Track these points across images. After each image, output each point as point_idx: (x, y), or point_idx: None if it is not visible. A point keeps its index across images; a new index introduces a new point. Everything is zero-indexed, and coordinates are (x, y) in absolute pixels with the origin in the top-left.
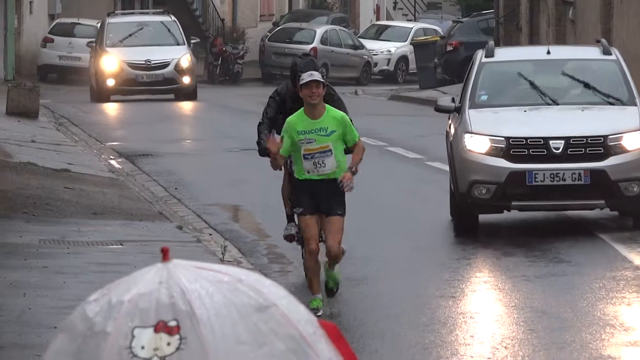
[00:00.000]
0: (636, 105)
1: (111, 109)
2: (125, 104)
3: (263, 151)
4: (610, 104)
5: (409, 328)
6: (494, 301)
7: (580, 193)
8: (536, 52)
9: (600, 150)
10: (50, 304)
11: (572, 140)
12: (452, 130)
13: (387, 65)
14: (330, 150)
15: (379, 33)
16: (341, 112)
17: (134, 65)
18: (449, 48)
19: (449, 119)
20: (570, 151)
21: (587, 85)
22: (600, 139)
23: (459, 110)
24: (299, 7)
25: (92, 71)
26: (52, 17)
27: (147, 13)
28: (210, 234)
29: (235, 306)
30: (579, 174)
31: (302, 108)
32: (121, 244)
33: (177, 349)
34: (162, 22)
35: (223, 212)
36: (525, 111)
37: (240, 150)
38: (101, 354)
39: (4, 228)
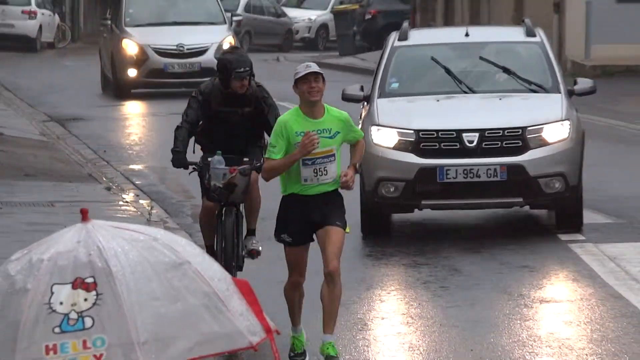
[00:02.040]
0: (560, 93)
1: (43, 73)
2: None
3: (178, 161)
4: (533, 91)
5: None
6: (407, 260)
7: (496, 190)
8: (453, 35)
9: (519, 143)
10: None
11: (487, 133)
12: (361, 122)
13: (308, 32)
14: (334, 155)
15: (300, 1)
16: (344, 112)
17: (162, 52)
18: (368, 16)
19: (362, 107)
20: (485, 145)
21: (507, 71)
22: (518, 131)
23: (367, 99)
24: None
25: (106, 56)
26: None
27: None
28: (137, 195)
29: (150, 263)
30: (495, 169)
31: (296, 107)
32: (52, 205)
33: (94, 304)
34: None
35: (150, 174)
36: (437, 101)
37: (167, 114)
38: (22, 310)
39: None
